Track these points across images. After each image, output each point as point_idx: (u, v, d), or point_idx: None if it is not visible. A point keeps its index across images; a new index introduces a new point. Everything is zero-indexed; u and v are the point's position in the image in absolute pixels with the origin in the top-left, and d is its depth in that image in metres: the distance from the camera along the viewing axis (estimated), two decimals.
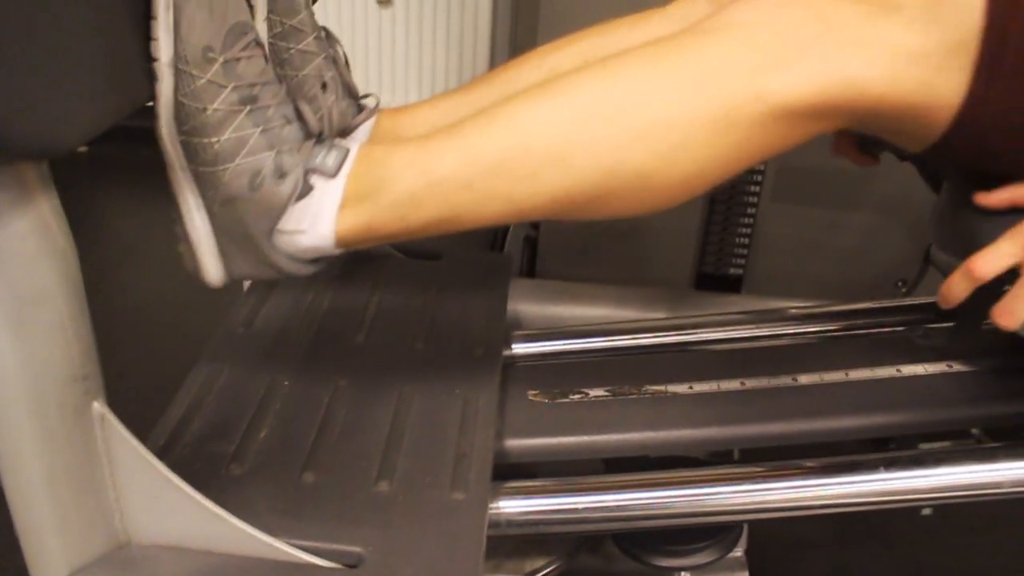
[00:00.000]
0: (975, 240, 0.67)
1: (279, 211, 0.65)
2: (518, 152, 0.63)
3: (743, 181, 1.33)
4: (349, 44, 1.99)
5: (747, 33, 0.61)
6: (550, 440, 0.82)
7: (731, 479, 0.75)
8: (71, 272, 0.57)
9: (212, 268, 0.68)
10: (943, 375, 0.84)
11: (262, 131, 0.64)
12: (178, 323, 1.67)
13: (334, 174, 0.66)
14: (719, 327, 0.97)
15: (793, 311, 1.00)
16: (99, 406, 0.60)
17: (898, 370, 0.85)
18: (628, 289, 1.22)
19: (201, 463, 0.72)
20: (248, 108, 0.63)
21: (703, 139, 0.61)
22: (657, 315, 1.17)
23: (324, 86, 0.78)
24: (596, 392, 0.86)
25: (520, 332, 0.98)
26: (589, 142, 0.62)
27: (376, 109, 0.83)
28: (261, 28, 0.76)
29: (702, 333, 0.97)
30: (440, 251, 1.08)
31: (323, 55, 0.79)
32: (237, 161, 0.63)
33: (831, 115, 0.62)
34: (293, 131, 0.66)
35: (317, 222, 0.66)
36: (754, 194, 1.30)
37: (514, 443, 0.81)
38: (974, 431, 0.85)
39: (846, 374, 0.84)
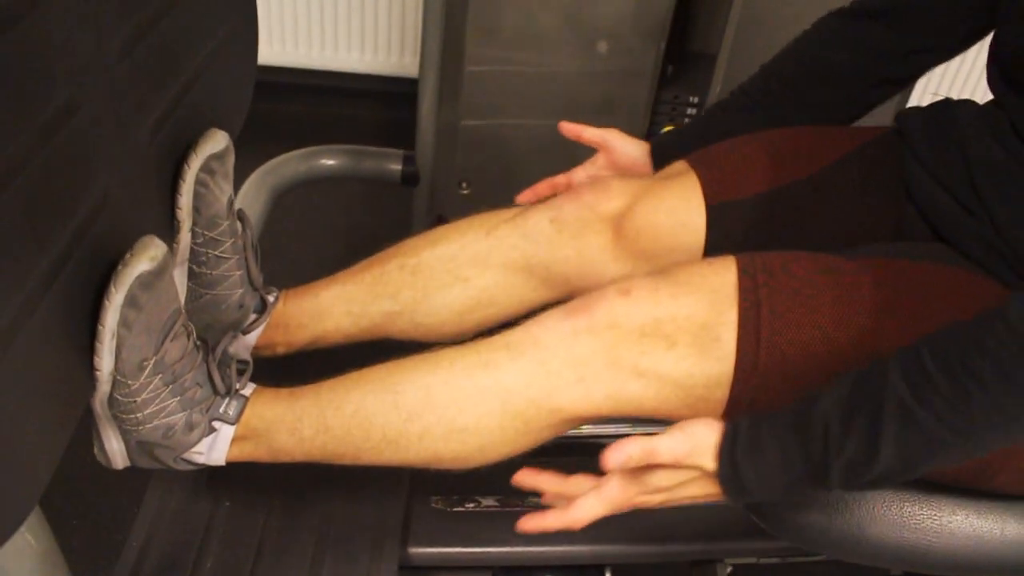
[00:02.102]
0: None
1: (185, 450, 0.81)
2: (361, 433, 0.79)
3: None
4: None
5: (547, 356, 0.75)
6: (446, 550, 1.00)
7: None
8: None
9: (119, 464, 0.82)
10: None
11: (179, 400, 0.77)
12: None
13: (234, 422, 0.81)
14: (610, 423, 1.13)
15: None
16: None
17: None
18: None
19: None
20: (170, 387, 0.76)
21: (508, 439, 0.78)
22: None
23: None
24: (487, 501, 1.03)
25: None
26: (418, 436, 0.78)
27: (275, 304, 0.95)
28: (186, 237, 0.86)
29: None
30: None
31: (236, 257, 0.89)
32: (155, 423, 0.77)
33: (615, 415, 0.77)
34: (204, 393, 0.80)
35: (213, 451, 0.82)
36: None
37: (416, 551, 1.00)
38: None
39: None
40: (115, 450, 0.80)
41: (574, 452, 1.12)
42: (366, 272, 0.97)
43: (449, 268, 0.94)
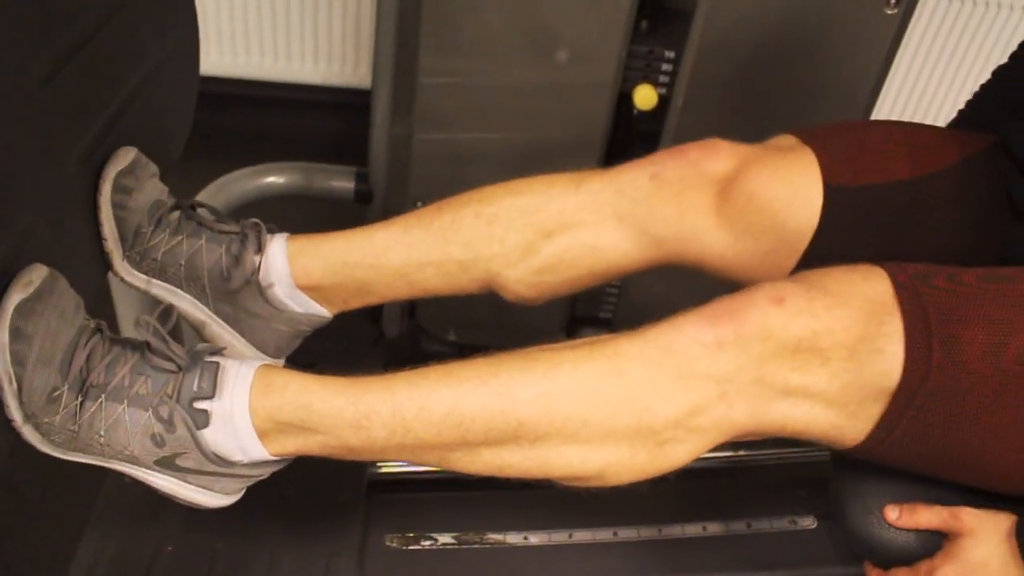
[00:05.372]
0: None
1: (194, 448, 0.68)
2: (456, 435, 0.67)
3: None
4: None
5: (687, 369, 0.65)
6: None
7: None
8: None
9: (205, 501, 0.72)
10: None
11: (127, 404, 0.67)
12: None
13: (212, 393, 0.68)
14: None
15: None
16: None
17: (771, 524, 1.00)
18: None
19: None
20: (102, 398, 0.67)
21: (639, 462, 0.68)
22: None
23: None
24: (444, 539, 0.99)
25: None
26: (530, 445, 0.67)
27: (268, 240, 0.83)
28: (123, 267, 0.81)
29: None
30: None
31: (198, 241, 0.82)
32: (127, 439, 0.67)
33: (752, 438, 0.70)
34: (154, 382, 0.68)
35: (246, 448, 0.69)
36: None
37: None
38: None
39: (704, 528, 0.98)
40: (167, 486, 0.70)
41: None
42: (435, 218, 0.86)
43: (530, 221, 0.84)
